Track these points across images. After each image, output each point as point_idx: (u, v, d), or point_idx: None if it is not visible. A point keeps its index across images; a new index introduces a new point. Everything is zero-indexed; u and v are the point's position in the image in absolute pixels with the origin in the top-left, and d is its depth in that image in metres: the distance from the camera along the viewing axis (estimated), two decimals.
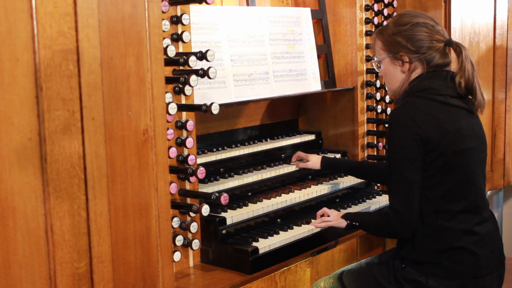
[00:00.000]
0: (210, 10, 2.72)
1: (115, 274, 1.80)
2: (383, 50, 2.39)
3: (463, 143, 2.22)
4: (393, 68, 2.37)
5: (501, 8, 3.80)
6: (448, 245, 2.22)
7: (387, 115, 3.45)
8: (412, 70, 2.33)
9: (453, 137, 2.20)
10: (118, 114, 1.79)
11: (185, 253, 2.42)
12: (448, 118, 2.22)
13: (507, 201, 4.47)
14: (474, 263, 2.22)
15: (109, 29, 1.75)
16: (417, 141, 2.18)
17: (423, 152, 2.19)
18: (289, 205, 2.75)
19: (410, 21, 2.32)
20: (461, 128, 2.23)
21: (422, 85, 2.27)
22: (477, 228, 2.24)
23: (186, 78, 2.24)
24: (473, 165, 2.26)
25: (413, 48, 2.30)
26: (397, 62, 2.35)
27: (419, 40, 2.29)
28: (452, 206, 2.22)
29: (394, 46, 2.34)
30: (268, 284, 2.42)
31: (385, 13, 3.39)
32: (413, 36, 2.30)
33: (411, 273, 2.26)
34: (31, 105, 1.57)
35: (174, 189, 2.32)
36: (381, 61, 2.41)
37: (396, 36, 2.33)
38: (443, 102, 2.24)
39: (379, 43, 2.40)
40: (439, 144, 2.18)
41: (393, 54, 2.35)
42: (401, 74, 2.36)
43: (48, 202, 1.62)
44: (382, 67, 2.42)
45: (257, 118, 3.23)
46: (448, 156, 2.19)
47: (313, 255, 2.63)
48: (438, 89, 2.25)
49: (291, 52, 3.09)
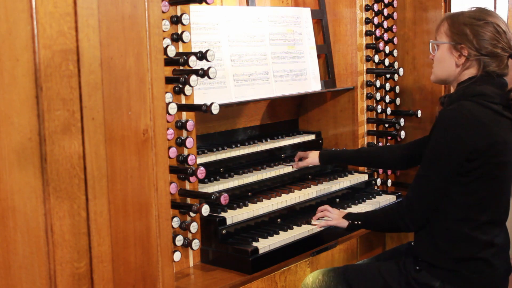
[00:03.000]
0: (210, 10, 2.72)
1: (115, 274, 1.80)
2: (447, 35, 2.29)
3: (507, 156, 2.18)
4: (449, 56, 2.29)
5: (501, 8, 3.80)
6: (470, 255, 2.20)
7: (387, 115, 3.45)
8: (467, 67, 2.26)
9: (500, 148, 2.15)
10: (118, 114, 1.79)
11: (185, 253, 2.42)
12: (499, 129, 2.16)
13: None
14: (491, 274, 2.21)
15: (109, 29, 1.75)
16: (458, 149, 2.13)
17: (464, 159, 2.13)
18: (289, 205, 2.75)
19: (484, 18, 2.24)
20: (508, 140, 2.18)
21: (475, 90, 2.20)
22: (497, 240, 2.23)
23: (186, 78, 2.24)
24: (508, 177, 2.23)
25: (477, 46, 2.22)
26: (455, 53, 2.27)
27: (486, 40, 2.21)
28: (480, 216, 2.19)
29: (459, 36, 2.25)
30: (268, 284, 2.42)
31: (385, 13, 3.39)
32: (482, 34, 2.22)
33: (425, 277, 2.23)
34: (31, 105, 1.57)
35: (174, 189, 2.32)
36: (439, 45, 2.32)
37: (465, 27, 2.24)
38: (496, 111, 2.17)
39: (446, 26, 2.31)
40: (485, 154, 2.13)
41: (455, 43, 2.26)
42: (454, 65, 2.28)
43: (48, 202, 1.61)
44: (438, 51, 2.33)
45: (257, 118, 3.23)
46: (490, 167, 2.15)
47: (313, 255, 2.63)
48: (493, 97, 2.18)
49: (291, 52, 3.09)
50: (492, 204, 2.20)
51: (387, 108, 3.43)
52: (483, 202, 2.18)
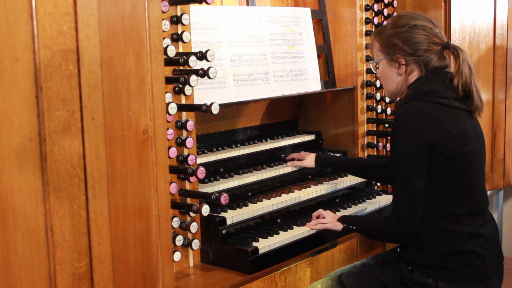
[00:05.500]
0: (210, 10, 2.72)
1: (115, 274, 1.80)
2: (380, 51, 2.37)
3: (468, 146, 2.21)
4: (389, 70, 2.36)
5: (501, 8, 3.80)
6: (456, 249, 2.20)
7: (387, 115, 3.45)
8: (409, 73, 2.31)
9: (459, 140, 2.19)
10: (118, 114, 1.79)
11: (185, 253, 2.42)
12: (453, 121, 2.20)
13: (507, 201, 4.47)
14: (481, 265, 2.21)
15: (109, 29, 1.75)
16: (422, 146, 2.15)
17: (429, 156, 2.16)
18: (289, 205, 2.75)
19: (407, 23, 2.29)
20: (465, 130, 2.21)
21: (423, 89, 2.24)
22: (481, 230, 2.23)
23: (186, 78, 2.24)
24: (476, 167, 2.25)
25: (410, 51, 2.27)
26: (394, 64, 2.33)
27: (416, 42, 2.27)
28: (457, 209, 2.20)
29: (391, 48, 2.32)
30: (268, 284, 2.42)
31: (385, 13, 3.38)
32: (410, 39, 2.27)
33: (418, 276, 2.24)
34: (31, 105, 1.57)
35: (174, 189, 2.32)
36: (378, 62, 2.40)
37: (393, 38, 2.31)
38: (447, 105, 2.21)
39: (376, 44, 2.39)
40: (445, 148, 2.16)
41: (390, 56, 2.33)
42: (397, 76, 2.34)
43: (48, 202, 1.62)
44: (379, 68, 2.40)
45: (257, 118, 3.23)
46: (454, 159, 2.18)
47: (313, 255, 2.63)
48: (441, 92, 2.23)
49: (291, 52, 3.09)
50: (466, 195, 2.21)
51: (387, 108, 3.43)
52: (457, 195, 2.20)
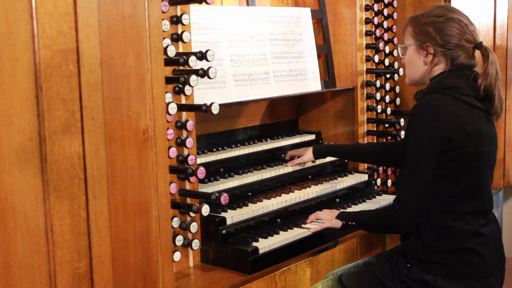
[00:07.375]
0: (210, 10, 2.72)
1: (115, 274, 1.80)
2: (412, 36, 2.35)
3: (481, 146, 2.20)
4: (416, 57, 2.34)
5: (501, 8, 3.80)
6: (456, 246, 2.21)
7: (387, 115, 3.45)
8: (435, 64, 2.30)
9: (474, 139, 2.18)
10: (118, 114, 1.79)
11: (185, 253, 2.42)
12: (471, 120, 2.19)
13: (507, 201, 4.47)
14: (481, 264, 2.21)
15: (109, 29, 1.75)
16: (437, 139, 2.15)
17: (441, 151, 2.16)
18: (289, 205, 2.75)
19: (444, 14, 2.28)
20: (481, 130, 2.20)
21: (445, 83, 2.23)
22: (483, 230, 2.23)
23: (186, 78, 2.24)
24: (486, 168, 2.25)
25: (441, 42, 2.27)
26: (422, 52, 2.32)
27: (449, 35, 2.26)
28: (461, 207, 2.20)
29: (423, 35, 2.30)
30: (268, 284, 2.42)
31: (385, 13, 3.38)
32: (444, 30, 2.26)
33: (417, 273, 2.24)
34: (31, 105, 1.57)
35: (174, 189, 2.32)
36: (407, 47, 2.38)
37: (427, 26, 2.29)
38: (467, 102, 2.21)
39: (409, 28, 2.37)
40: (459, 145, 2.15)
41: (420, 43, 2.32)
42: (423, 65, 2.33)
43: (48, 202, 1.62)
44: (407, 53, 2.39)
45: (257, 118, 3.23)
46: (465, 158, 2.17)
47: (313, 255, 2.63)
48: (463, 88, 2.22)
49: (291, 52, 3.09)
50: (472, 195, 2.21)
51: (387, 108, 3.43)
52: (463, 193, 2.20)
